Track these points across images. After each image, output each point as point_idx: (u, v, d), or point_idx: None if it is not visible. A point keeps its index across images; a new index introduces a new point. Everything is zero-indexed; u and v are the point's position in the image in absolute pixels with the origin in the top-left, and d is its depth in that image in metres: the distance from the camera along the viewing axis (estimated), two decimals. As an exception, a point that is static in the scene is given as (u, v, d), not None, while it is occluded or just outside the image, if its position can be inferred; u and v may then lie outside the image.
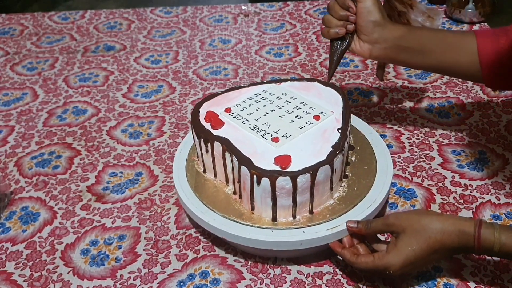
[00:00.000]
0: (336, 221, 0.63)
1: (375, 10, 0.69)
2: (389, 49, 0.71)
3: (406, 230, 0.56)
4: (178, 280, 0.66)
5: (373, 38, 0.70)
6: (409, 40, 0.70)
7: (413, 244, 0.55)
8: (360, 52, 0.73)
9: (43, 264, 0.69)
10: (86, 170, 0.85)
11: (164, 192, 0.80)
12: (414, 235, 0.56)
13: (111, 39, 1.30)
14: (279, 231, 0.62)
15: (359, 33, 0.71)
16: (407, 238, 0.56)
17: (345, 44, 0.73)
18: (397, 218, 0.58)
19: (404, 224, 0.57)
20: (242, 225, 0.63)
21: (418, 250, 0.55)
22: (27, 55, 1.24)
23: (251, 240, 0.62)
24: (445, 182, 0.78)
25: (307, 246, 0.61)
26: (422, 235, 0.55)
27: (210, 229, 0.64)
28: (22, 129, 0.97)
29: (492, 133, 0.87)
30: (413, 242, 0.56)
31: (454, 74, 0.75)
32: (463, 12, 1.24)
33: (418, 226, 0.56)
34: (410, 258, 0.56)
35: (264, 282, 0.65)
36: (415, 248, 0.55)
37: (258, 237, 0.61)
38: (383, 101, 0.98)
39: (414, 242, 0.55)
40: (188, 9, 1.44)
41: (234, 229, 0.63)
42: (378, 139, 0.76)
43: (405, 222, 0.57)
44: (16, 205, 0.79)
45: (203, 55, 1.19)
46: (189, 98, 1.03)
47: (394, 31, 0.70)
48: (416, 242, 0.55)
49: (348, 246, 0.62)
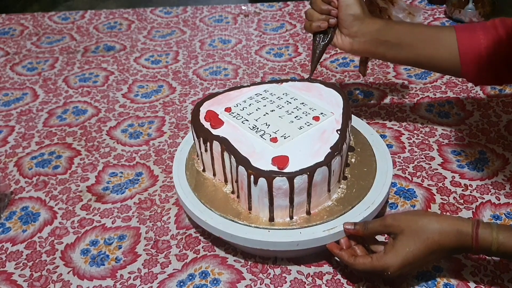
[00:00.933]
0: (333, 222, 0.63)
1: (355, 4, 0.71)
2: (368, 43, 0.72)
3: (404, 231, 0.56)
4: (178, 280, 0.66)
5: (353, 31, 0.72)
6: (386, 33, 0.72)
7: (411, 245, 0.55)
8: (342, 46, 0.74)
9: (43, 264, 0.69)
10: (86, 170, 0.85)
11: (164, 192, 0.80)
12: (412, 236, 0.55)
13: (111, 39, 1.30)
14: (276, 231, 0.62)
15: (340, 27, 0.73)
16: (405, 239, 0.56)
17: (327, 38, 0.75)
18: (395, 219, 0.58)
19: (402, 225, 0.57)
20: (239, 224, 0.63)
21: (416, 251, 0.55)
22: (27, 55, 1.24)
23: (248, 240, 0.62)
24: (445, 182, 0.78)
25: (304, 247, 0.61)
26: (420, 236, 0.55)
27: (208, 228, 0.64)
28: (22, 129, 0.97)
29: (492, 133, 0.87)
30: (411, 243, 0.55)
31: (433, 68, 0.76)
32: (463, 12, 1.24)
33: (416, 227, 0.55)
34: (408, 259, 0.56)
35: (264, 282, 0.65)
36: (413, 249, 0.55)
37: (254, 237, 0.61)
38: (383, 101, 0.98)
39: (412, 243, 0.55)
40: (188, 9, 1.44)
41: (230, 228, 0.63)
42: (378, 140, 0.76)
43: (403, 223, 0.57)
44: (16, 205, 0.79)
45: (203, 55, 1.19)
46: (189, 98, 1.03)
47: (372, 24, 0.71)
48: (414, 243, 0.55)
49: (345, 248, 0.62)
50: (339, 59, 1.14)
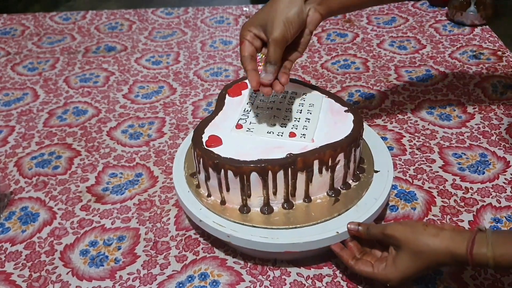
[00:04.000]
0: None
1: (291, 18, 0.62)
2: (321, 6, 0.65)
3: (402, 248, 0.57)
4: (177, 281, 0.65)
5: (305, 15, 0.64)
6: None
7: (410, 264, 0.56)
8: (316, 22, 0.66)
9: (42, 264, 0.69)
10: (86, 170, 0.85)
11: (164, 193, 0.80)
12: (410, 256, 0.56)
13: (112, 39, 1.30)
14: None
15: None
16: (404, 256, 0.56)
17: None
18: (394, 230, 0.58)
19: (400, 240, 0.57)
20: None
21: (414, 269, 0.56)
22: (28, 55, 1.24)
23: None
24: (445, 185, 0.78)
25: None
26: (418, 257, 0.55)
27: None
28: (22, 129, 0.97)
29: (493, 136, 0.87)
30: (410, 263, 0.56)
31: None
32: (465, 15, 1.23)
33: (413, 247, 0.56)
34: (409, 274, 0.57)
35: (264, 284, 0.64)
36: (412, 267, 0.56)
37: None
38: (384, 103, 0.98)
39: (411, 263, 0.56)
40: (189, 10, 1.44)
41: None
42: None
43: (401, 238, 0.57)
44: (15, 205, 0.79)
45: (204, 56, 1.19)
46: (189, 99, 1.03)
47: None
48: (413, 263, 0.56)
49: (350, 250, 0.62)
50: (340, 61, 1.13)
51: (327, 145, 0.63)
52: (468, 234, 0.54)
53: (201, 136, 0.66)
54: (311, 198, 0.65)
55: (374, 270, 0.59)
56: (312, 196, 0.65)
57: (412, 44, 1.19)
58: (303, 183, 0.63)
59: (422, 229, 0.56)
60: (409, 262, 0.56)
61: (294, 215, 0.64)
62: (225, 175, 0.62)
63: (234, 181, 0.62)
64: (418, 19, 1.31)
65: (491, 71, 1.06)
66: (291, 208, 0.64)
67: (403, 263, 0.56)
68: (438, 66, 1.09)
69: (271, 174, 0.61)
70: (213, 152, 0.62)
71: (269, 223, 0.63)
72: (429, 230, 0.56)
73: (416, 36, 1.22)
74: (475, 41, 1.18)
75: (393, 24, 1.29)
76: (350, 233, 0.62)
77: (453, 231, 0.55)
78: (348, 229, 0.62)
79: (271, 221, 0.63)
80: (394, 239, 0.57)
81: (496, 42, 1.17)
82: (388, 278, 0.58)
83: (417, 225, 0.57)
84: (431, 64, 1.10)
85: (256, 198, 0.63)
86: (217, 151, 0.62)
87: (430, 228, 0.56)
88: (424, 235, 0.55)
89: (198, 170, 0.66)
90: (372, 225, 0.62)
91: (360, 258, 0.61)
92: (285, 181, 0.62)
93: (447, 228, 0.56)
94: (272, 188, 0.62)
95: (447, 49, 1.16)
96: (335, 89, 1.02)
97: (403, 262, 0.56)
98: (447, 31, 1.24)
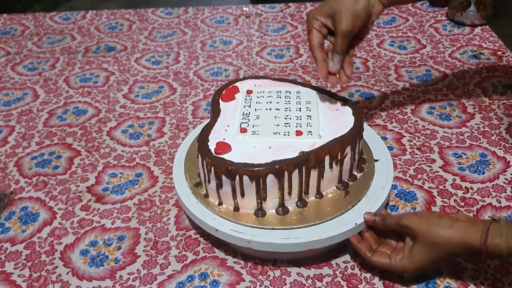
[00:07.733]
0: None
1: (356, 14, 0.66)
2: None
3: (418, 239, 0.58)
4: (178, 281, 0.65)
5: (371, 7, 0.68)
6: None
7: (425, 256, 0.57)
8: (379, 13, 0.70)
9: (42, 264, 0.69)
10: (86, 170, 0.85)
11: (164, 193, 0.80)
12: (425, 247, 0.57)
13: (112, 39, 1.30)
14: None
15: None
16: (420, 248, 0.58)
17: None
18: (410, 221, 0.59)
19: (416, 231, 0.58)
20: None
21: (430, 259, 0.57)
22: (28, 55, 1.24)
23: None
24: (446, 185, 0.78)
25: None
26: (434, 248, 0.57)
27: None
28: (22, 129, 0.97)
29: (494, 136, 0.87)
30: (425, 254, 0.57)
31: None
32: (465, 15, 1.23)
33: (428, 238, 0.57)
34: (424, 265, 0.58)
35: (264, 284, 0.64)
36: (428, 258, 0.57)
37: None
38: (384, 103, 0.98)
39: (426, 254, 0.57)
40: (189, 10, 1.44)
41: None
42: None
43: (417, 229, 0.58)
44: (15, 205, 0.79)
45: (204, 56, 1.19)
46: (189, 99, 1.03)
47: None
48: (429, 255, 0.57)
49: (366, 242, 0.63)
50: (340, 60, 1.13)
51: (335, 140, 0.63)
52: (482, 225, 0.55)
53: (207, 144, 0.64)
54: (322, 194, 0.66)
55: (391, 262, 0.60)
56: (323, 191, 0.66)
57: (412, 44, 1.19)
58: (315, 179, 0.64)
59: (437, 221, 0.57)
60: (424, 253, 0.57)
61: (309, 213, 0.64)
62: (240, 181, 0.61)
63: (250, 185, 0.61)
64: (418, 19, 1.31)
65: (491, 71, 1.06)
66: (305, 206, 0.64)
67: (419, 254, 0.57)
68: (438, 66, 1.09)
69: (287, 174, 0.61)
70: (225, 159, 0.61)
71: (287, 223, 0.63)
72: (443, 222, 0.56)
73: (416, 36, 1.23)
74: (475, 41, 1.18)
75: (393, 24, 1.29)
76: (366, 223, 0.63)
77: (468, 222, 0.56)
78: (364, 219, 0.62)
79: (288, 221, 0.63)
80: (410, 230, 0.58)
81: (496, 42, 1.17)
82: (405, 269, 0.59)
83: (432, 216, 0.58)
84: (431, 64, 1.10)
85: (271, 200, 0.63)
86: (229, 158, 0.61)
87: (444, 219, 0.57)
88: (439, 227, 0.56)
89: (207, 179, 0.64)
90: (387, 215, 0.63)
91: (376, 248, 0.62)
92: (299, 180, 0.62)
93: (462, 218, 0.56)
94: (287, 188, 0.62)
95: (447, 49, 1.16)
96: (335, 89, 1.02)
97: (419, 253, 0.57)
98: (447, 31, 1.24)
